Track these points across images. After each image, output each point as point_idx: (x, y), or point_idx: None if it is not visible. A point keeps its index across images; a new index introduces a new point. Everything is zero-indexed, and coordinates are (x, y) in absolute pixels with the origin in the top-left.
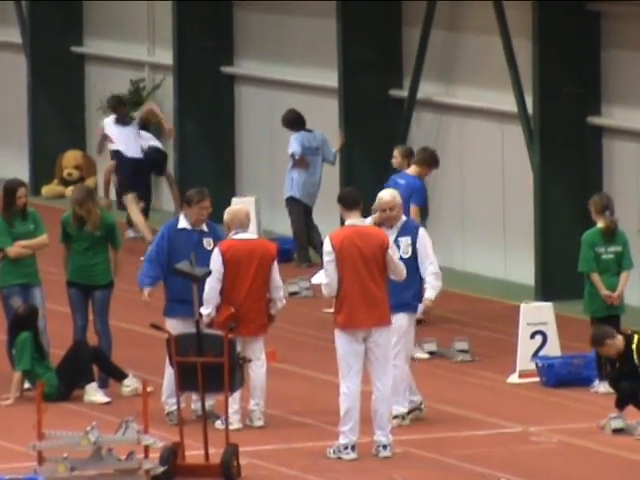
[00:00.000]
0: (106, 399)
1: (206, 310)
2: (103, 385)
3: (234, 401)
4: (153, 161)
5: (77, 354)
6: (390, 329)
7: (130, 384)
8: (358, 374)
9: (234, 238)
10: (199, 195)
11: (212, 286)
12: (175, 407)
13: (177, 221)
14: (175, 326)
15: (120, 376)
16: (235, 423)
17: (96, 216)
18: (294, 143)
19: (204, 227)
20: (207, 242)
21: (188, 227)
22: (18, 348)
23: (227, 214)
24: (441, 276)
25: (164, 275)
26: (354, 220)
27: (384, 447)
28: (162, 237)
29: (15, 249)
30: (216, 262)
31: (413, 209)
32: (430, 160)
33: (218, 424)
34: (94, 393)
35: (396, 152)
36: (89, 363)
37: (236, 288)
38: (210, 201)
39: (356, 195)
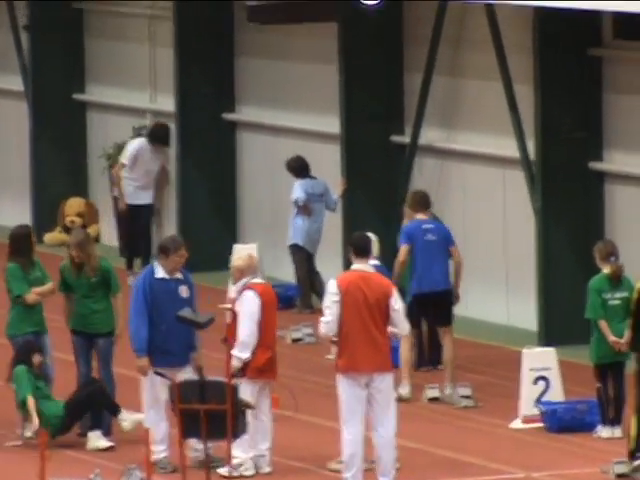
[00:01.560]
0: (110, 444)
1: (245, 354)
2: (106, 433)
3: (250, 448)
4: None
5: (87, 387)
6: (392, 375)
7: (126, 417)
8: (361, 420)
9: (258, 282)
10: (175, 244)
11: (253, 330)
12: (163, 454)
13: (152, 271)
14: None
15: (114, 410)
16: (250, 469)
17: (95, 259)
18: (298, 190)
19: (178, 274)
20: (182, 290)
21: (166, 276)
22: (16, 380)
23: (241, 260)
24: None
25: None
26: (361, 266)
27: None
28: (143, 290)
29: (33, 296)
30: (254, 305)
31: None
32: (411, 203)
33: (222, 471)
34: (97, 440)
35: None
36: (99, 394)
37: (269, 332)
38: (185, 249)
39: (368, 242)
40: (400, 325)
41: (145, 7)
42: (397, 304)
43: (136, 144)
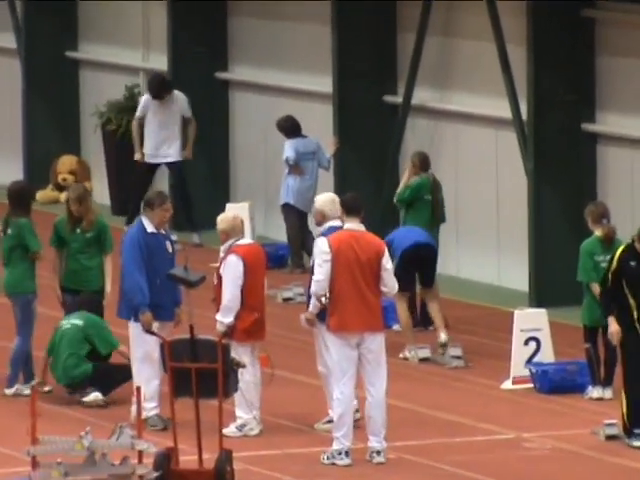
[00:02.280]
0: (104, 399)
1: (228, 318)
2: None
3: (253, 407)
4: None
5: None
6: (383, 335)
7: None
8: (352, 379)
9: (244, 244)
10: (160, 198)
11: (235, 294)
12: (153, 412)
13: (142, 225)
14: (156, 329)
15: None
16: (255, 428)
17: (92, 214)
18: (289, 149)
19: (162, 230)
20: (167, 245)
21: (154, 231)
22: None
23: (225, 223)
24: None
25: None
26: (353, 225)
27: (378, 453)
28: (139, 244)
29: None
30: (237, 270)
31: None
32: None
33: (227, 431)
34: (96, 395)
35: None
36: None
37: (255, 293)
38: (171, 203)
39: (359, 202)
40: (390, 284)
41: None
42: (388, 263)
43: (142, 99)
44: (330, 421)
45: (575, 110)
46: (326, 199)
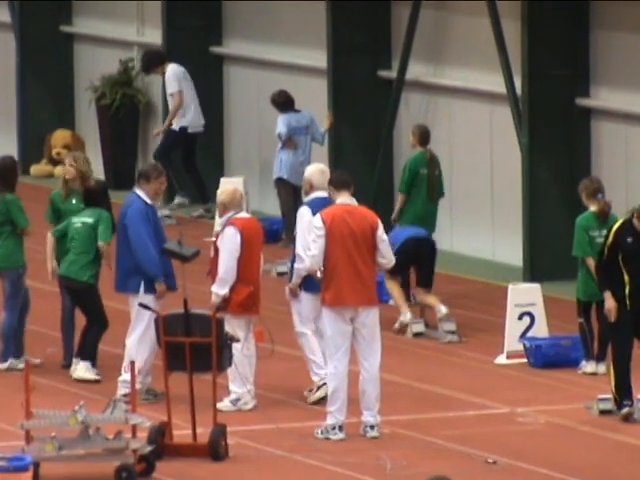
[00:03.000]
0: (97, 377)
1: (223, 290)
2: (94, 365)
3: (247, 381)
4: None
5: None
6: (377, 310)
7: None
8: (346, 354)
9: (242, 217)
10: (157, 170)
11: (231, 266)
12: (146, 386)
13: (140, 198)
14: (152, 303)
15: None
16: (250, 403)
17: (90, 181)
18: (281, 124)
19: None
20: (161, 217)
21: (150, 202)
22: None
23: (224, 195)
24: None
25: None
26: (345, 199)
27: (372, 427)
28: (147, 217)
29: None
30: (234, 241)
31: None
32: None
33: (221, 405)
34: (86, 371)
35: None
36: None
37: (251, 267)
38: (166, 176)
39: (346, 177)
40: (388, 255)
41: None
42: (384, 235)
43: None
44: (320, 387)
45: (569, 85)
46: (315, 169)
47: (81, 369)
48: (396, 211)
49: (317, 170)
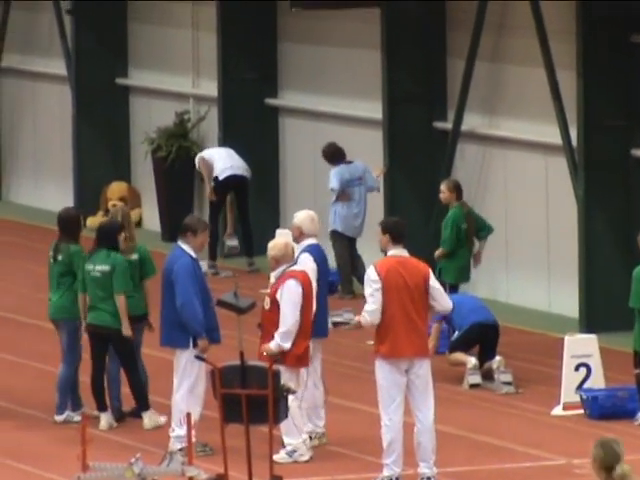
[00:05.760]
0: (164, 418)
1: (288, 343)
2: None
3: (300, 431)
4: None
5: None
6: (430, 360)
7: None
8: (400, 406)
9: (299, 270)
10: (203, 223)
11: (297, 319)
12: (194, 439)
13: (185, 252)
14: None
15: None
16: (306, 454)
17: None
18: (333, 179)
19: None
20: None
21: (195, 256)
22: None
23: (276, 249)
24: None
25: None
26: (397, 251)
27: (428, 479)
28: (194, 272)
29: None
30: (297, 294)
31: None
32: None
33: (277, 457)
34: (152, 415)
35: (443, 187)
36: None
37: (308, 320)
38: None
39: (405, 228)
40: (442, 300)
41: None
42: (436, 283)
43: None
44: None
45: (625, 136)
46: (305, 216)
47: (150, 418)
48: (435, 257)
49: (307, 217)
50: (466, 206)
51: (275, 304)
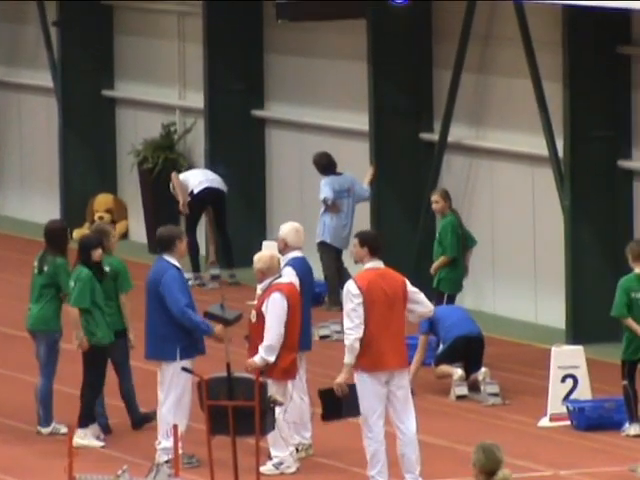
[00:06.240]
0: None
1: (272, 357)
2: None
3: (287, 443)
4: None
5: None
6: (408, 371)
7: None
8: (381, 417)
9: (285, 282)
10: (179, 233)
11: (281, 332)
12: (180, 450)
13: (170, 264)
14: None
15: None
16: (292, 466)
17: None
18: (325, 188)
19: None
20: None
21: (179, 266)
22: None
23: (262, 262)
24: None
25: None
26: (375, 263)
27: None
28: (184, 283)
29: None
30: (282, 307)
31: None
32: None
33: (264, 469)
34: (86, 437)
35: (436, 197)
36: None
37: (294, 333)
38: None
39: (381, 241)
40: (425, 302)
41: (175, 4)
42: (413, 288)
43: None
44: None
45: (611, 146)
46: (290, 228)
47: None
48: (434, 267)
49: (292, 229)
50: (457, 214)
51: (261, 317)
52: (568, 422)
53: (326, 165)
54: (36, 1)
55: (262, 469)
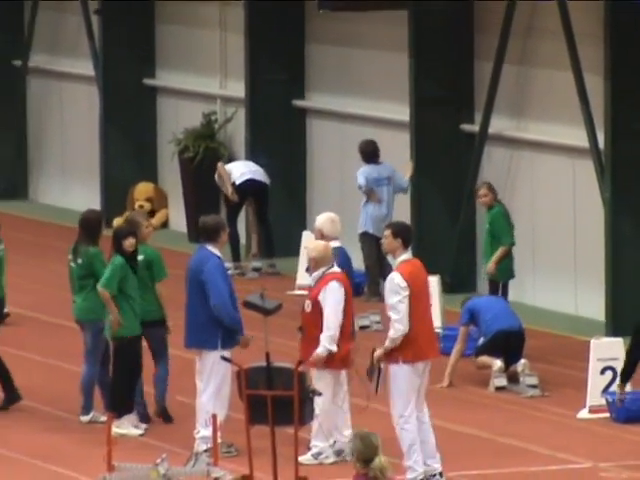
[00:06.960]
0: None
1: (334, 346)
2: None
3: (329, 434)
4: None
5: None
6: None
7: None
8: (414, 408)
9: (339, 272)
10: (222, 223)
11: (341, 321)
12: (219, 440)
13: (212, 253)
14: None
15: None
16: (331, 457)
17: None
18: (360, 176)
19: None
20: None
21: (221, 256)
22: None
23: (316, 252)
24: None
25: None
26: (408, 255)
27: (441, 475)
28: (226, 274)
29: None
30: (341, 296)
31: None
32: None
33: (302, 459)
34: (124, 426)
35: (484, 190)
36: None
37: (348, 321)
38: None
39: (412, 232)
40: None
41: None
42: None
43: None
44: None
45: None
46: (326, 218)
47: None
48: (494, 261)
49: (328, 219)
50: (504, 205)
51: (316, 306)
52: (607, 414)
53: (369, 153)
54: None
55: (301, 459)
